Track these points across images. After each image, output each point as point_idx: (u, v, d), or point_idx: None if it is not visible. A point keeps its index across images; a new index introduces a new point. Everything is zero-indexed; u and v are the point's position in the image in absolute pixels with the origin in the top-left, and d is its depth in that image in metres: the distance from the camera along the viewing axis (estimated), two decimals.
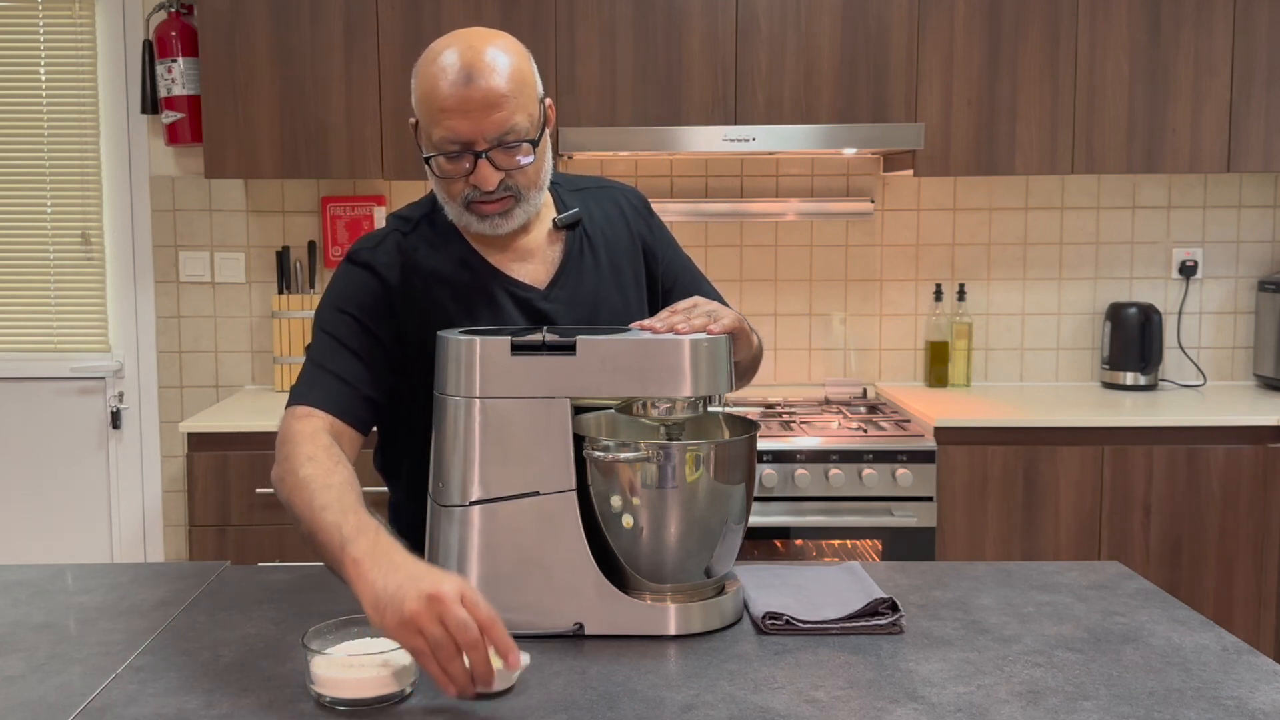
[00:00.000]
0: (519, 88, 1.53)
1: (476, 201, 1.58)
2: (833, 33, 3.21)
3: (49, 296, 3.62)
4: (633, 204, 1.81)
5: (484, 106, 1.51)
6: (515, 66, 1.54)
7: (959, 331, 3.59)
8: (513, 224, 1.62)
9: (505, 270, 1.67)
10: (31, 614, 1.56)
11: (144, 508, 3.63)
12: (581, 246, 1.72)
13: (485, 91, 1.50)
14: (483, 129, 1.52)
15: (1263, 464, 3.07)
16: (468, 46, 1.54)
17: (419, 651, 1.20)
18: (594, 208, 1.76)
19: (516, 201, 1.59)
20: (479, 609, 1.21)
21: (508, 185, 1.57)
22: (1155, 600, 1.60)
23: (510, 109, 1.52)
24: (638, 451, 1.43)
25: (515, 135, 1.53)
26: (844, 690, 1.29)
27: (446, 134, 1.52)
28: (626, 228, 1.78)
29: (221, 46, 3.19)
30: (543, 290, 1.67)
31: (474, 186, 1.56)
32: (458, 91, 1.51)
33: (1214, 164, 3.27)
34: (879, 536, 2.97)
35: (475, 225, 1.62)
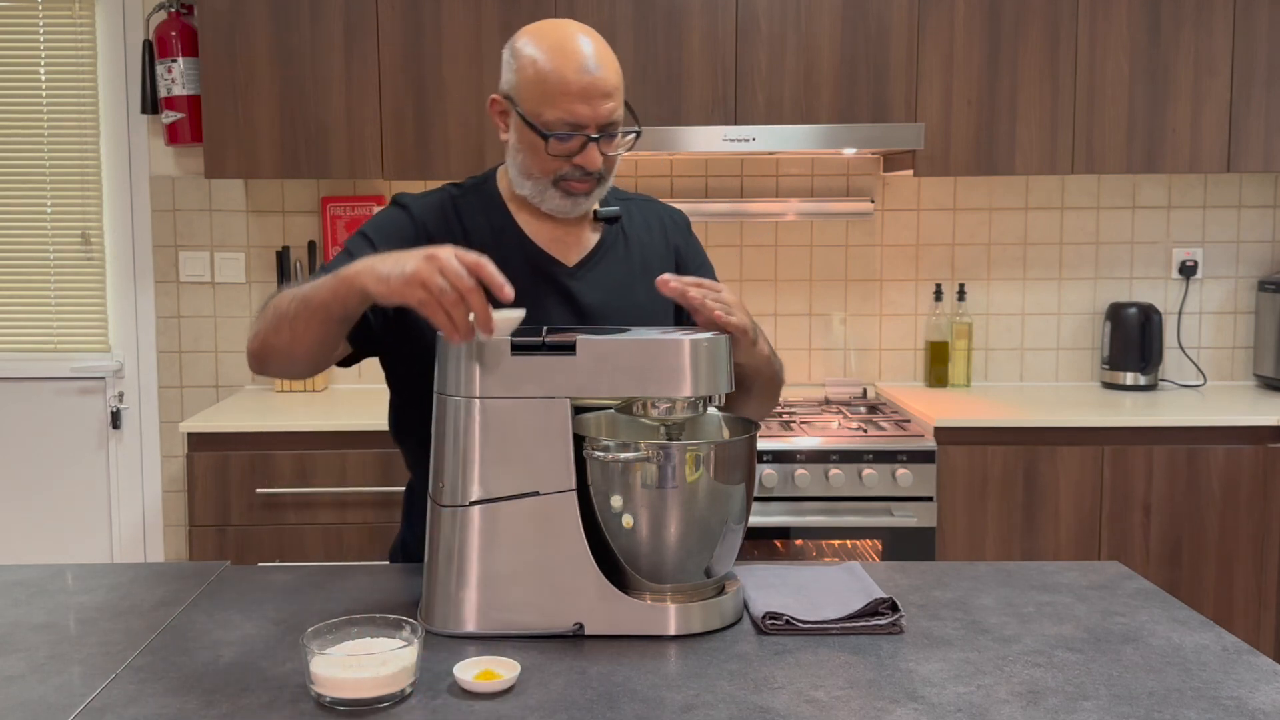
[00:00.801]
0: (619, 80, 1.67)
1: (569, 180, 1.67)
2: (833, 33, 3.21)
3: (49, 296, 3.62)
4: (674, 219, 1.90)
5: (602, 95, 1.63)
6: (615, 61, 1.67)
7: (959, 331, 3.59)
8: (588, 205, 1.72)
9: (539, 244, 1.74)
10: (31, 614, 1.56)
11: (144, 508, 3.63)
12: (616, 240, 1.79)
13: (604, 82, 1.63)
14: (597, 115, 1.63)
15: (1263, 464, 3.07)
16: (590, 37, 1.66)
17: (425, 303, 1.34)
18: (636, 214, 1.85)
19: (598, 184, 1.70)
20: (467, 256, 1.36)
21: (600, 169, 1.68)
22: (1155, 600, 1.60)
23: (618, 100, 1.66)
24: (638, 451, 1.43)
25: (618, 125, 1.67)
26: (844, 690, 1.29)
27: (565, 116, 1.62)
28: (664, 238, 1.85)
29: (221, 46, 3.19)
30: (570, 268, 1.74)
31: (576, 166, 1.65)
32: (583, 79, 1.61)
33: (1214, 164, 3.27)
34: (879, 536, 2.97)
35: (556, 201, 1.69)
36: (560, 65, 1.63)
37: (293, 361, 1.59)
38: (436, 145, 3.22)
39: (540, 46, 1.66)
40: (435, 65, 3.20)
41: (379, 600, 1.59)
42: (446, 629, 1.45)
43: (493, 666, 1.31)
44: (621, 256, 1.79)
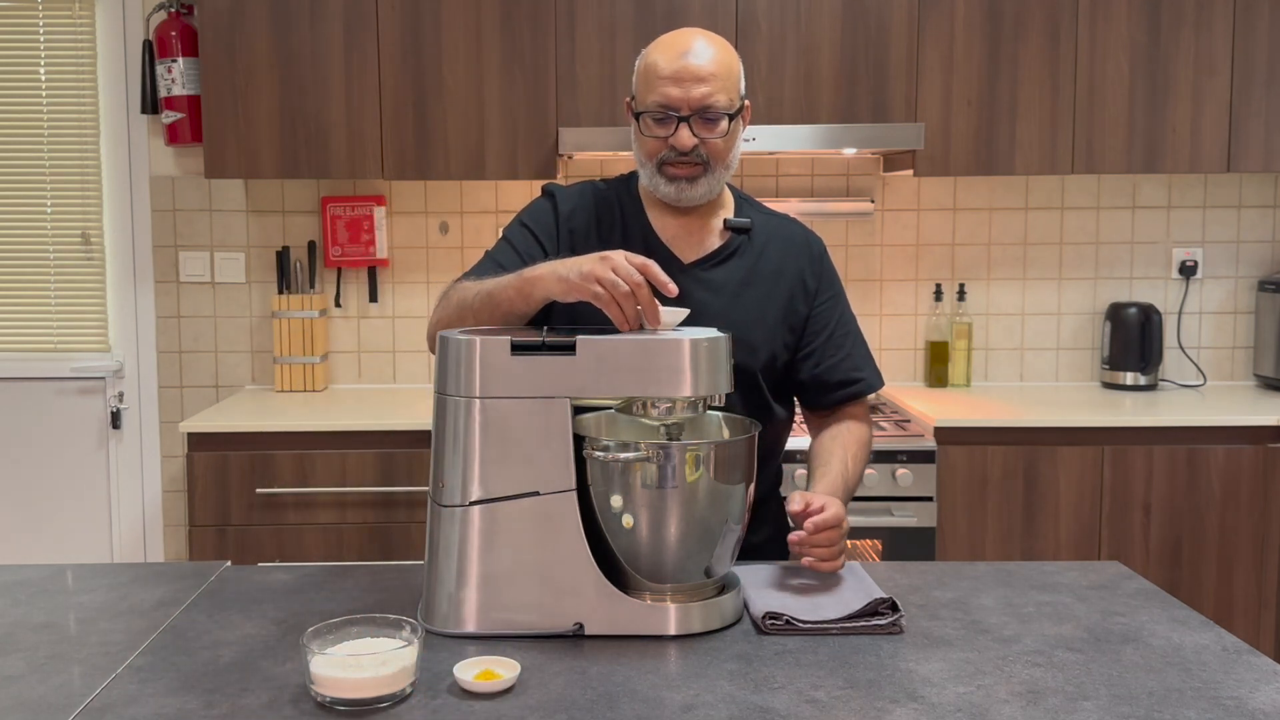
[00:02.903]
0: (724, 73, 1.76)
1: (670, 163, 1.77)
2: (833, 33, 3.21)
3: (49, 296, 3.62)
4: (811, 243, 1.92)
5: (693, 79, 1.73)
6: (724, 58, 1.77)
7: (959, 331, 3.59)
8: (696, 192, 1.79)
9: (663, 238, 1.84)
10: (31, 614, 1.56)
11: (144, 508, 3.63)
12: (742, 250, 1.85)
13: (696, 68, 1.74)
14: (689, 98, 1.73)
15: (1263, 464, 3.07)
16: (695, 34, 1.79)
17: (599, 296, 1.49)
18: (774, 232, 1.89)
19: (704, 171, 1.77)
20: (635, 257, 1.51)
21: (699, 153, 1.76)
22: (1155, 600, 1.60)
23: (714, 86, 1.74)
24: (638, 451, 1.43)
25: (715, 109, 1.74)
26: (844, 690, 1.29)
27: (658, 98, 1.74)
28: (794, 260, 1.88)
29: (221, 46, 3.19)
30: (685, 264, 1.82)
31: (671, 148, 1.75)
32: (674, 64, 1.74)
33: (1214, 164, 3.27)
34: (879, 536, 2.97)
35: (663, 188, 1.79)
36: (659, 54, 1.77)
37: None
38: (436, 145, 3.22)
39: (655, 43, 1.81)
40: (435, 65, 3.20)
41: (379, 600, 1.59)
42: (446, 629, 1.46)
43: (493, 666, 1.31)
44: (739, 264, 1.84)
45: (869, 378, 1.91)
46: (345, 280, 3.60)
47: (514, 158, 3.22)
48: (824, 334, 1.87)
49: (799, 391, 1.91)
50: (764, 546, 1.85)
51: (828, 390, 1.88)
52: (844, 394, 1.89)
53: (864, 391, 1.90)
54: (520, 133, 3.22)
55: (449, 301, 1.73)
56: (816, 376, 1.87)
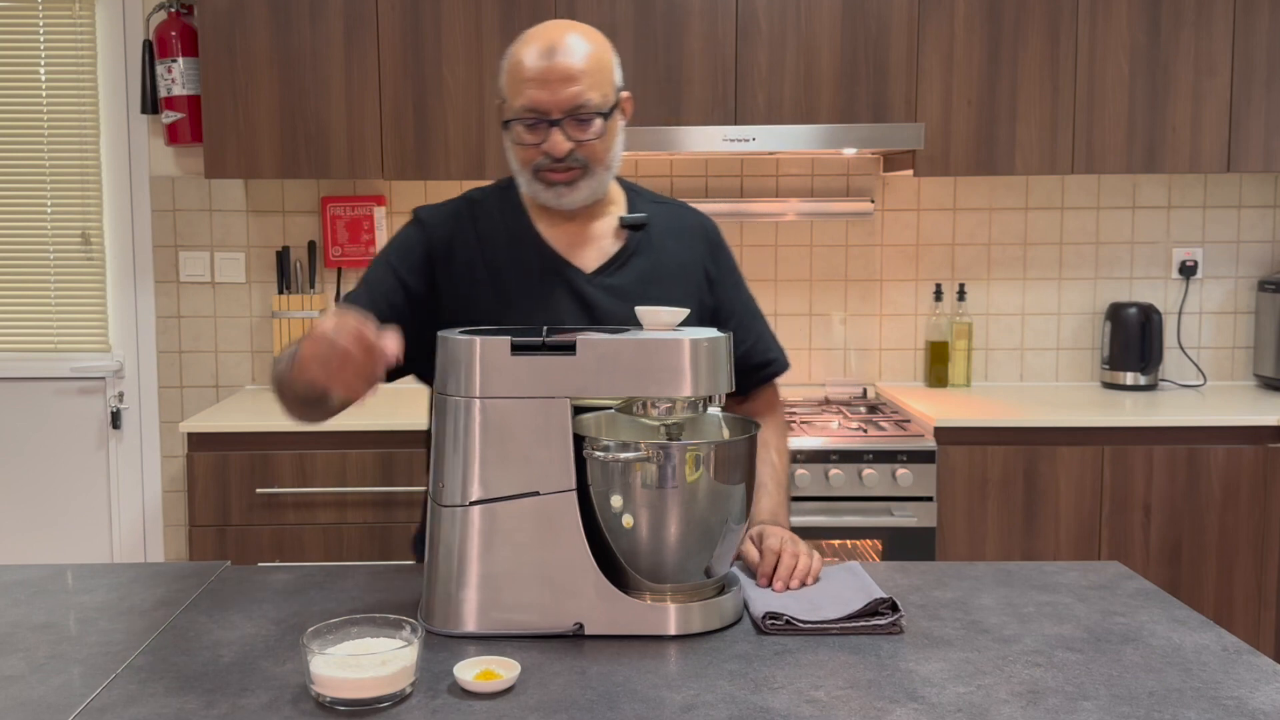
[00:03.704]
0: (595, 68, 1.67)
1: (546, 170, 1.68)
2: (833, 33, 3.21)
3: (49, 296, 3.62)
4: (704, 231, 1.88)
5: (561, 79, 1.64)
6: (594, 52, 1.68)
7: (959, 331, 3.59)
8: (577, 196, 1.70)
9: (557, 248, 1.75)
10: (31, 614, 1.56)
11: (144, 508, 3.63)
12: (640, 248, 1.78)
13: (564, 67, 1.64)
14: (558, 100, 1.64)
15: (1263, 464, 3.07)
16: (557, 29, 1.70)
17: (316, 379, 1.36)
18: (667, 222, 1.83)
19: (584, 174, 1.69)
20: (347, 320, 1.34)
21: (576, 157, 1.67)
22: (1155, 600, 1.60)
23: (585, 85, 1.65)
24: (638, 451, 1.43)
25: (587, 109, 1.65)
26: (844, 690, 1.29)
27: (526, 103, 1.65)
28: (691, 250, 1.83)
29: (221, 46, 3.19)
30: (587, 274, 1.74)
31: (545, 154, 1.66)
32: (540, 64, 1.65)
33: (1214, 164, 3.27)
34: (879, 536, 2.97)
35: (542, 194, 1.71)
36: (523, 55, 1.67)
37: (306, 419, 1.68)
38: (436, 145, 3.22)
39: (517, 43, 1.71)
40: (435, 65, 3.20)
41: (379, 600, 1.59)
42: (446, 629, 1.46)
43: (493, 666, 1.31)
44: (641, 264, 1.77)
45: (779, 359, 1.92)
46: (345, 280, 3.60)
47: None
48: (733, 320, 1.84)
49: None
50: None
51: (744, 375, 1.82)
52: (760, 378, 1.89)
53: (776, 373, 1.92)
54: None
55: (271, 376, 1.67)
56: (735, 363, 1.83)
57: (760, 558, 1.63)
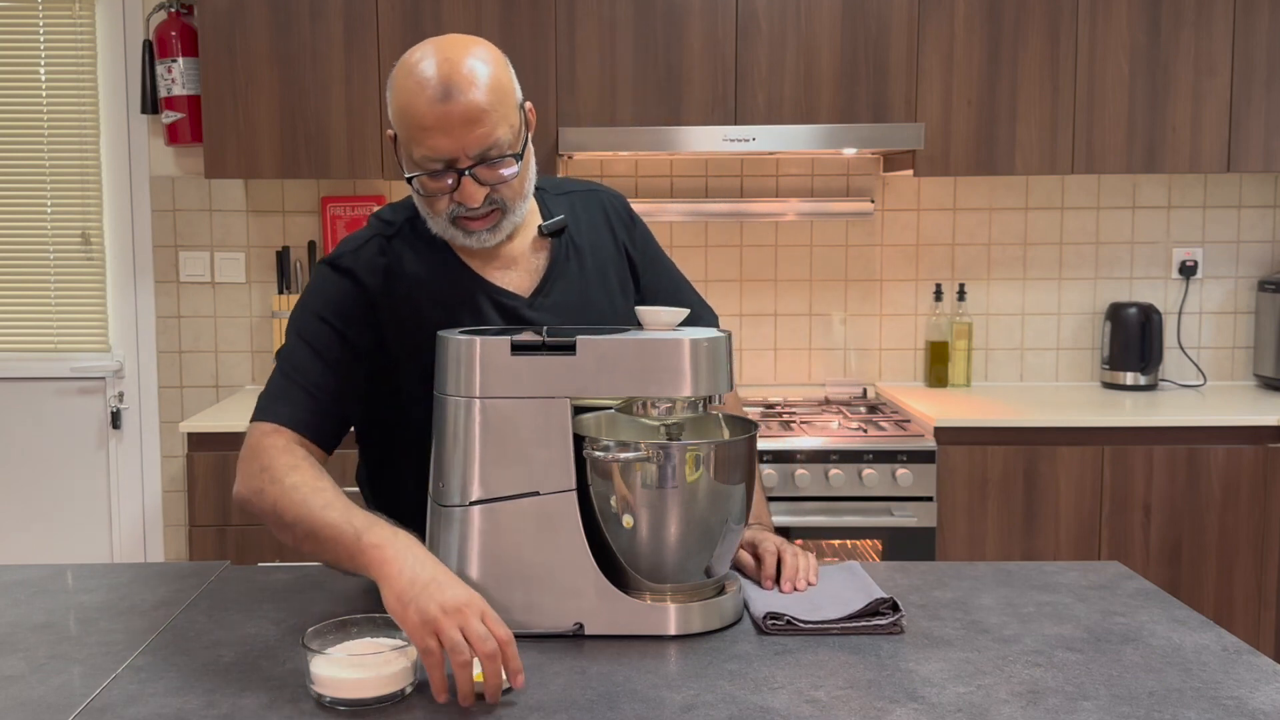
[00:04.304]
0: (499, 99, 1.50)
1: (462, 218, 1.55)
2: (833, 33, 3.21)
3: (49, 296, 3.62)
4: (616, 209, 1.79)
5: (465, 123, 1.47)
6: (494, 77, 1.50)
7: (959, 331, 3.59)
8: (499, 236, 1.59)
9: (489, 278, 1.63)
10: (31, 614, 1.56)
11: (144, 508, 3.63)
12: (567, 253, 1.69)
13: (465, 107, 1.46)
14: (464, 145, 1.48)
15: (1263, 464, 3.07)
16: (444, 59, 1.49)
17: (430, 653, 1.23)
18: (580, 213, 1.73)
19: (503, 214, 1.57)
20: (499, 628, 1.26)
21: (493, 199, 1.54)
22: (1155, 600, 1.60)
23: (492, 123, 1.48)
24: (638, 451, 1.43)
25: (498, 150, 1.50)
26: (844, 690, 1.29)
27: (428, 153, 1.49)
28: (611, 233, 1.76)
29: (221, 46, 3.19)
30: (527, 299, 1.65)
31: (458, 203, 1.53)
32: (436, 109, 1.46)
33: (1214, 164, 3.27)
34: (879, 536, 2.97)
35: (461, 239, 1.59)
36: (413, 96, 1.48)
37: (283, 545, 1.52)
38: None
39: (398, 74, 1.52)
40: None
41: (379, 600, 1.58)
42: None
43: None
44: (576, 272, 1.68)
45: (711, 321, 1.84)
46: None
47: None
48: (662, 295, 1.78)
49: None
50: None
51: None
52: None
53: None
54: None
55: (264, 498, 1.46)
56: None
57: (759, 562, 1.63)
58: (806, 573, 1.60)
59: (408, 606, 1.26)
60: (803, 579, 1.59)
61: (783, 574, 1.59)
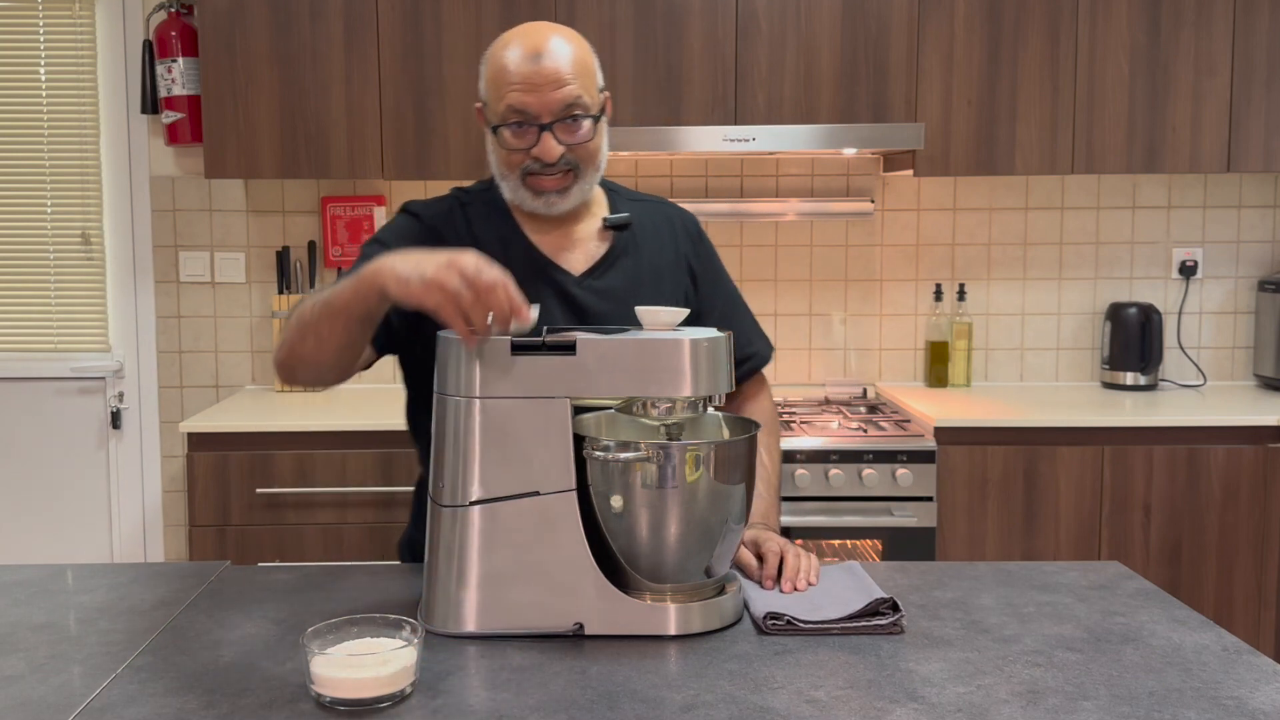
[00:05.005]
0: (582, 70, 1.65)
1: (535, 175, 1.66)
2: (833, 33, 3.21)
3: (49, 296, 3.62)
4: (685, 225, 1.88)
5: (549, 82, 1.61)
6: (580, 53, 1.66)
7: (959, 331, 3.59)
8: (567, 202, 1.69)
9: (545, 252, 1.73)
10: (31, 614, 1.56)
11: (144, 508, 3.63)
12: (626, 248, 1.78)
13: (551, 69, 1.61)
14: (547, 103, 1.61)
15: (1263, 464, 3.07)
16: (538, 31, 1.66)
17: (443, 305, 1.35)
18: (647, 219, 1.82)
19: (575, 178, 1.68)
20: (492, 268, 1.36)
21: (568, 160, 1.66)
22: (1155, 600, 1.60)
23: (574, 89, 1.62)
24: (638, 451, 1.43)
25: (578, 110, 1.63)
26: (844, 690, 1.29)
27: (514, 104, 1.62)
28: (674, 245, 1.84)
29: (221, 46, 3.19)
30: (577, 277, 1.73)
31: (535, 159, 1.64)
32: (526, 68, 1.61)
33: (1214, 164, 3.27)
34: (879, 536, 2.97)
35: (530, 202, 1.69)
36: (505, 58, 1.64)
37: (320, 368, 1.59)
38: (436, 145, 3.22)
39: (494, 46, 1.68)
40: (435, 65, 3.20)
41: (379, 600, 1.59)
42: (446, 629, 1.46)
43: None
44: (630, 264, 1.77)
45: (761, 350, 1.91)
46: None
47: None
48: (715, 314, 1.85)
49: None
50: None
51: None
52: (743, 371, 1.87)
53: (759, 365, 1.91)
54: None
55: (290, 324, 1.59)
56: None
57: (761, 562, 1.63)
58: (808, 573, 1.60)
59: (409, 280, 1.36)
60: (803, 579, 1.59)
61: (784, 574, 1.59)
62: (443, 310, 1.35)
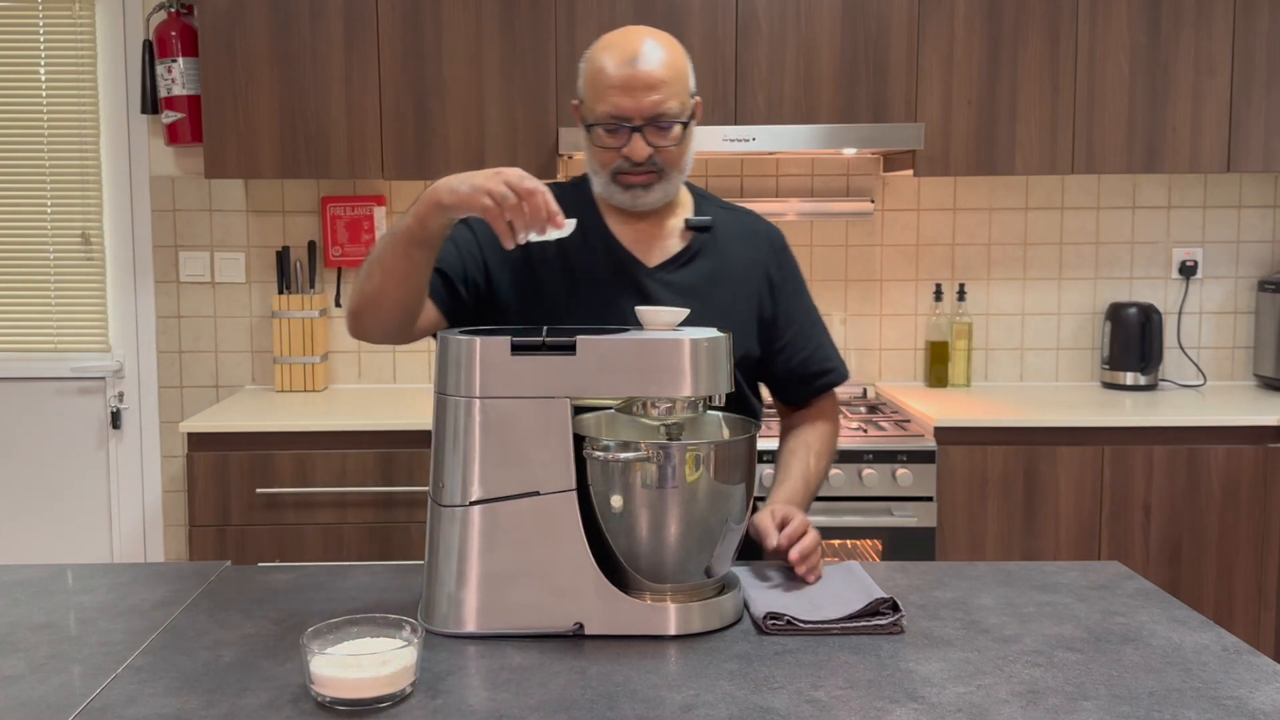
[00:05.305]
0: (675, 77, 1.72)
1: (624, 173, 1.74)
2: (833, 33, 3.21)
3: (49, 296, 3.62)
4: (769, 237, 1.92)
5: (644, 87, 1.69)
6: (673, 59, 1.74)
7: (959, 331, 3.59)
8: (651, 198, 1.76)
9: (623, 241, 1.80)
10: (31, 614, 1.56)
11: (144, 508, 3.63)
12: (704, 249, 1.83)
13: (647, 75, 1.69)
14: (640, 107, 1.69)
15: (1263, 464, 3.07)
16: (637, 37, 1.74)
17: (488, 209, 1.46)
18: (733, 225, 1.88)
19: (659, 178, 1.75)
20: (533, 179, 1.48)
21: (654, 161, 1.73)
22: (1155, 600, 1.60)
23: (665, 93, 1.70)
24: (638, 451, 1.43)
25: (668, 116, 1.71)
26: (844, 690, 1.29)
27: (609, 109, 1.70)
28: (755, 254, 1.88)
29: (221, 46, 3.19)
30: (649, 268, 1.79)
31: (625, 158, 1.72)
32: (623, 71, 1.69)
33: (1214, 164, 3.27)
34: (879, 536, 2.97)
35: (618, 196, 1.76)
36: (607, 59, 1.72)
37: (384, 308, 1.64)
38: (436, 145, 3.22)
39: (595, 48, 1.76)
40: (435, 65, 3.20)
41: (379, 600, 1.59)
42: (446, 629, 1.46)
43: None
44: (705, 265, 1.82)
45: (839, 368, 1.94)
46: (345, 280, 3.60)
47: (514, 158, 3.21)
48: (793, 328, 1.88)
49: (773, 386, 1.94)
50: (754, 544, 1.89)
51: (803, 383, 1.90)
52: (817, 386, 1.91)
53: (835, 382, 1.93)
54: (520, 133, 3.22)
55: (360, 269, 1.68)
56: (791, 371, 1.89)
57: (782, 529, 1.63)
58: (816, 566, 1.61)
59: (459, 188, 1.48)
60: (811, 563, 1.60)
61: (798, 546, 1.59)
62: (488, 214, 1.46)
